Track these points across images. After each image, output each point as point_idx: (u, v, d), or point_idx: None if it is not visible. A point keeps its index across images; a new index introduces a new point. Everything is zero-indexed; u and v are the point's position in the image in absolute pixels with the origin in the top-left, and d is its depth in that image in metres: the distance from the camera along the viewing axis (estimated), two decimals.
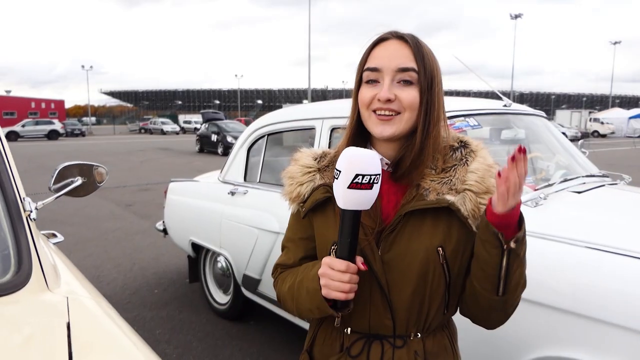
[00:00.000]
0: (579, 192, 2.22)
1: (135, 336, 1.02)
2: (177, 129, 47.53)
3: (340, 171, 0.90)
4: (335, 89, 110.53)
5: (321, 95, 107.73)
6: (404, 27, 1.05)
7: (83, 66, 59.89)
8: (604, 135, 39.73)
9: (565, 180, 2.33)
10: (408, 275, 1.01)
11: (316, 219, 1.11)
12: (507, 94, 3.28)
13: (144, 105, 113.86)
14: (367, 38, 1.07)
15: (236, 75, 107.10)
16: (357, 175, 0.88)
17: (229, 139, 19.64)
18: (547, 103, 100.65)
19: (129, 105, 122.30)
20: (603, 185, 2.41)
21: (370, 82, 1.02)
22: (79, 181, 1.34)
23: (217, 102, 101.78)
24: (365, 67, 1.03)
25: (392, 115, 1.00)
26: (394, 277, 1.02)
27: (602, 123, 41.19)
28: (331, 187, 1.04)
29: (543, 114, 2.97)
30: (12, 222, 1.09)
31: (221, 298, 3.73)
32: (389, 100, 0.99)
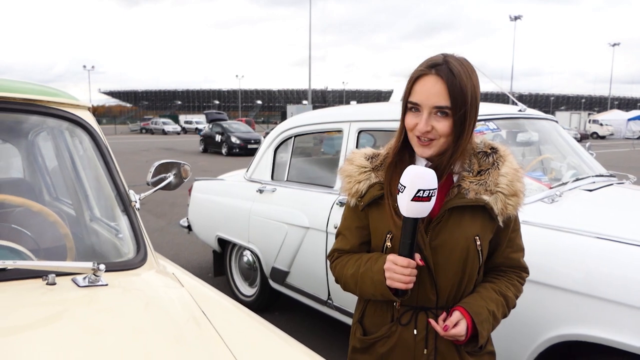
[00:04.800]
0: (590, 190, 2.45)
1: (237, 303, 1.25)
2: (179, 129, 47.51)
3: (405, 186, 1.14)
4: (335, 90, 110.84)
5: (321, 95, 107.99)
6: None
7: (84, 66, 59.88)
8: (603, 137, 39.96)
9: (578, 180, 2.55)
10: (451, 259, 1.26)
11: (372, 212, 1.34)
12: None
13: (144, 105, 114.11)
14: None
15: (237, 76, 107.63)
16: (419, 190, 1.12)
17: (233, 139, 19.89)
18: (546, 104, 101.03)
19: (128, 105, 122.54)
20: (611, 185, 2.64)
21: (413, 109, 1.24)
22: (171, 177, 1.53)
23: (217, 102, 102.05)
24: (409, 100, 1.25)
25: (430, 140, 1.23)
26: (440, 260, 1.26)
27: (601, 125, 41.43)
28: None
29: (554, 118, 3.19)
30: (127, 211, 1.30)
31: (247, 290, 3.94)
32: (427, 132, 1.22)
